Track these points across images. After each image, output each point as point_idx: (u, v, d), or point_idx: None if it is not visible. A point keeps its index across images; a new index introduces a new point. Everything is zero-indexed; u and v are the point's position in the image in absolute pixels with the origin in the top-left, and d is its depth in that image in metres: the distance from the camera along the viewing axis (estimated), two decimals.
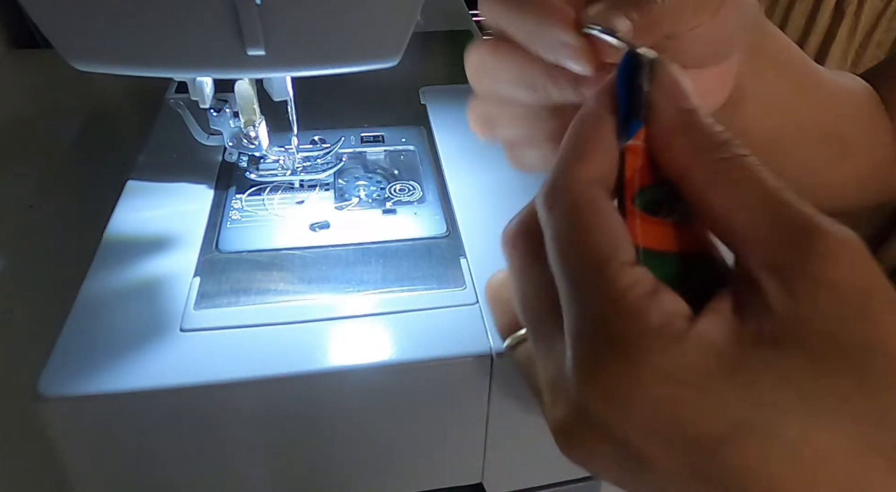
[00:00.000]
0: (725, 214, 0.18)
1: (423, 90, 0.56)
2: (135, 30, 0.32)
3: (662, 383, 0.16)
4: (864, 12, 0.75)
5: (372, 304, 0.36)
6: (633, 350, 0.17)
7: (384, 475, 0.38)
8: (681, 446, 0.17)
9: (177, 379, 0.31)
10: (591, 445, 0.19)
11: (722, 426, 0.16)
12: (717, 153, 0.18)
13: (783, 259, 0.17)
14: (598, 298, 0.18)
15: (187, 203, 0.43)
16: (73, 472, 0.34)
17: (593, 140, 0.20)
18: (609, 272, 0.18)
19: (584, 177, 0.19)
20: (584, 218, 0.19)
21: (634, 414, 0.17)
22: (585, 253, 0.18)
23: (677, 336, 0.17)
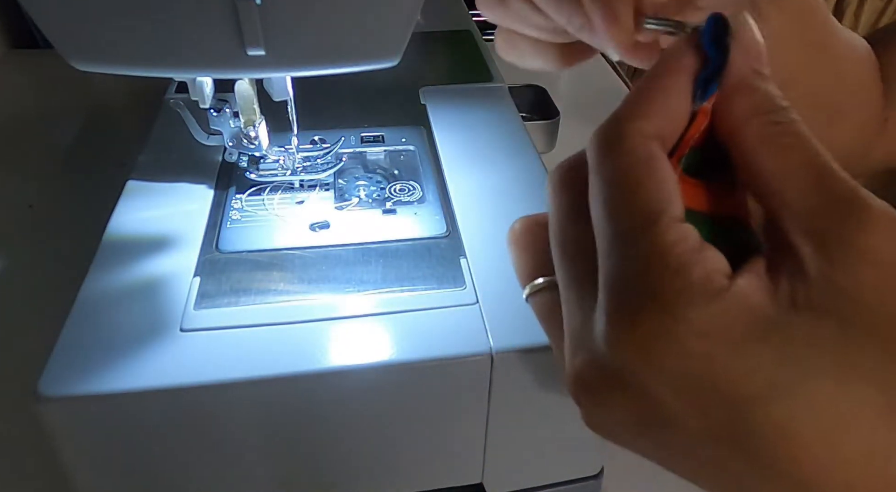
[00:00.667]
0: (771, 175, 0.18)
1: (423, 90, 0.56)
2: (135, 30, 0.32)
3: (699, 338, 0.16)
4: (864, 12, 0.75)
5: (372, 304, 0.36)
6: (670, 306, 0.17)
7: (384, 475, 0.38)
8: (709, 403, 0.17)
9: (177, 379, 0.31)
10: (609, 396, 0.18)
11: (753, 386, 0.16)
12: (773, 116, 0.19)
13: (823, 226, 0.17)
14: (644, 250, 0.17)
15: (187, 203, 0.43)
16: (73, 472, 0.34)
17: (664, 96, 0.20)
18: (659, 226, 0.18)
19: (647, 130, 0.19)
20: (639, 172, 0.18)
21: (667, 367, 0.17)
22: (636, 205, 0.18)
23: (716, 293, 0.17)
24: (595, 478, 0.42)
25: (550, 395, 0.36)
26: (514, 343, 0.34)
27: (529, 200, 0.44)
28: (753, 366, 0.16)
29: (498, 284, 0.37)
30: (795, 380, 0.16)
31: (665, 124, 0.20)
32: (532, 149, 0.49)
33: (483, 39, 0.67)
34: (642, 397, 0.18)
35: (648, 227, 0.18)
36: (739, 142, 0.19)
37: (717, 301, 0.17)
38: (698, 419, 0.17)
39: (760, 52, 0.20)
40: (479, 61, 0.62)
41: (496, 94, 0.57)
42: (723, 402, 0.17)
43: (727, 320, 0.17)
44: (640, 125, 0.19)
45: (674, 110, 0.20)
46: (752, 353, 0.16)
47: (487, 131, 0.51)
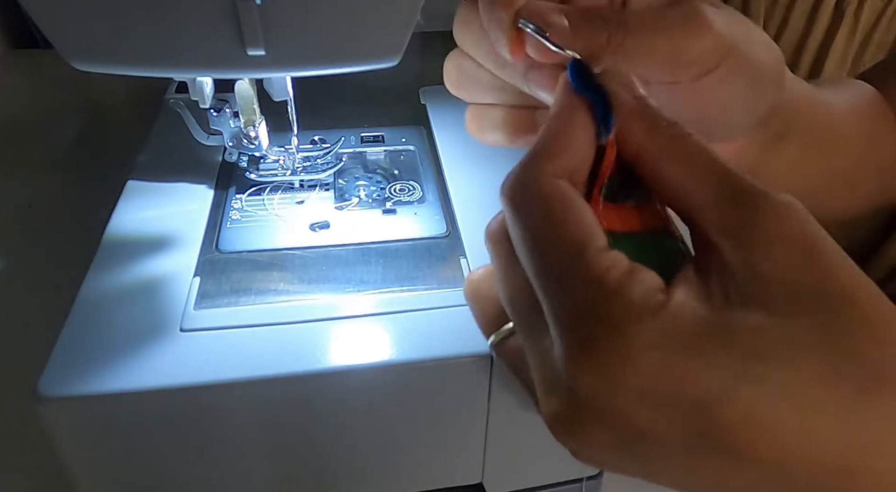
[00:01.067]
0: (679, 183, 0.20)
1: (423, 90, 0.56)
2: (135, 30, 0.32)
3: (650, 352, 0.17)
4: (864, 12, 0.75)
5: (372, 304, 0.36)
6: (619, 327, 0.17)
7: (384, 475, 0.38)
8: (676, 410, 0.17)
9: (177, 379, 0.31)
10: (587, 430, 0.19)
11: (711, 385, 0.17)
12: (668, 131, 0.20)
13: (735, 220, 0.19)
14: (578, 283, 0.18)
15: (187, 203, 0.43)
16: (73, 472, 0.34)
17: (566, 134, 0.21)
18: (588, 256, 0.19)
19: (554, 170, 0.20)
20: (555, 211, 0.19)
21: (628, 387, 0.17)
22: (562, 241, 0.19)
23: (658, 308, 0.18)
24: (595, 478, 0.42)
25: None
26: None
27: None
28: (705, 366, 0.17)
29: None
30: (747, 370, 0.17)
31: (572, 160, 0.21)
32: None
33: None
34: (616, 420, 0.18)
35: (578, 259, 0.19)
36: (645, 160, 0.21)
37: (660, 315, 0.18)
38: (671, 428, 0.18)
39: (632, 80, 0.22)
40: None
41: None
42: (688, 406, 0.17)
43: (672, 330, 0.17)
44: (546, 167, 0.20)
45: (578, 146, 0.21)
46: (701, 355, 0.17)
47: None
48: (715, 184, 0.19)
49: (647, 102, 0.21)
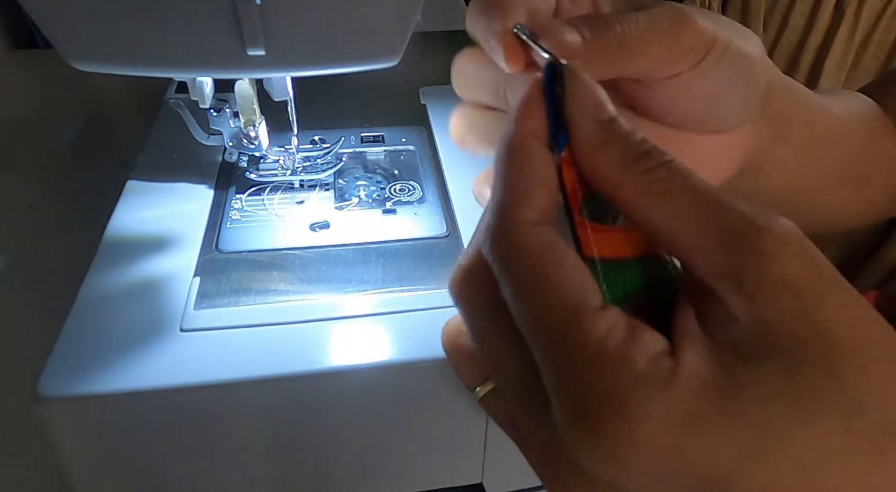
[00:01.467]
0: (664, 226, 0.18)
1: (423, 90, 0.56)
2: (135, 30, 0.32)
3: (663, 433, 0.16)
4: (864, 12, 0.75)
5: (372, 304, 0.36)
6: (627, 405, 0.16)
7: (384, 475, 0.38)
8: (684, 489, 0.17)
9: (177, 379, 0.31)
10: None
11: (728, 460, 0.16)
12: (642, 165, 0.18)
13: (733, 265, 0.17)
14: (578, 355, 0.17)
15: (187, 203, 0.43)
16: (73, 472, 0.34)
17: (527, 173, 0.19)
18: (584, 324, 0.17)
19: (529, 218, 0.18)
20: (542, 269, 0.18)
21: (641, 469, 0.17)
22: (554, 306, 0.17)
23: (667, 379, 0.16)
24: None
25: None
26: None
27: None
28: (721, 441, 0.16)
29: None
30: (763, 439, 0.16)
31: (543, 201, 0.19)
32: None
33: None
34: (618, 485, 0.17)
35: (574, 326, 0.17)
36: (622, 199, 0.18)
37: (670, 387, 0.16)
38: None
39: (596, 98, 0.19)
40: None
41: None
42: (699, 484, 0.16)
43: (685, 407, 0.16)
44: (519, 216, 0.19)
45: (543, 179, 0.19)
46: (716, 429, 0.16)
47: None
48: (705, 223, 0.17)
49: (613, 128, 0.19)
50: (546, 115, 0.19)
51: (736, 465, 0.16)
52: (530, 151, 0.19)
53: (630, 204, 0.18)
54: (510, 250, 0.18)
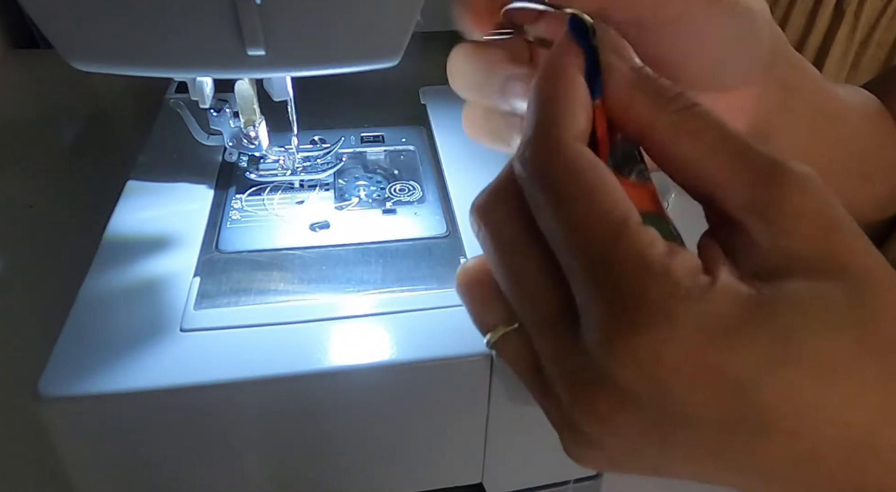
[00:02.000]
0: (695, 162, 0.19)
1: (423, 90, 0.56)
2: (135, 30, 0.32)
3: (697, 335, 0.17)
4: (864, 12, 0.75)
5: (372, 304, 0.36)
6: (668, 308, 0.17)
7: (384, 475, 0.38)
8: (714, 391, 0.17)
9: (177, 379, 0.31)
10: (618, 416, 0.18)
11: (758, 365, 0.17)
12: (674, 105, 0.19)
13: (759, 198, 0.18)
14: (622, 261, 0.17)
15: (187, 203, 0.43)
16: (73, 472, 0.34)
17: (571, 96, 0.19)
18: (628, 233, 0.18)
19: (573, 134, 0.19)
20: (587, 181, 0.18)
21: (672, 369, 0.17)
22: (598, 217, 0.18)
23: (704, 290, 0.17)
24: (595, 478, 0.42)
25: None
26: None
27: None
28: (749, 347, 0.17)
29: None
30: (788, 349, 0.17)
31: (584, 125, 0.19)
32: None
33: None
34: (654, 402, 0.18)
35: (618, 237, 0.18)
36: (655, 138, 0.19)
37: (707, 298, 0.17)
38: (708, 409, 0.17)
39: (627, 49, 0.20)
40: None
41: None
42: (729, 386, 0.17)
43: (718, 312, 0.17)
44: (567, 132, 0.19)
45: (585, 104, 0.20)
46: (745, 336, 0.17)
47: None
48: (733, 161, 0.18)
49: (646, 73, 0.20)
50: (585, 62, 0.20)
51: (764, 370, 0.17)
52: (573, 77, 0.20)
53: (662, 142, 0.19)
54: (555, 162, 0.19)
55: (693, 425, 0.18)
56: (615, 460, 0.20)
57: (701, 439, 0.18)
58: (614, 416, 0.18)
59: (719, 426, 0.18)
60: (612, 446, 0.19)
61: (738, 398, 0.17)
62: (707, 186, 0.19)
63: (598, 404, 0.18)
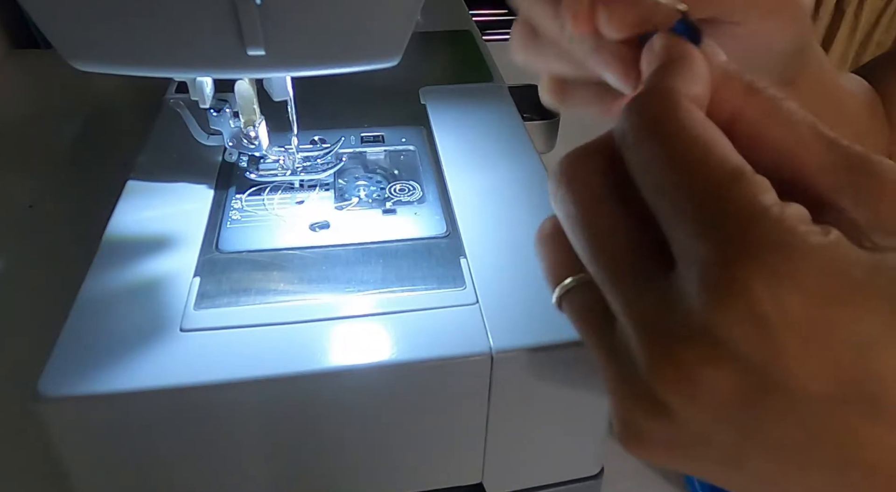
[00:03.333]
0: (785, 147, 0.19)
1: (423, 90, 0.56)
2: (134, 30, 0.32)
3: (821, 277, 0.16)
4: (864, 12, 0.75)
5: (372, 304, 0.36)
6: (791, 245, 0.16)
7: (384, 475, 0.38)
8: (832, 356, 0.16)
9: (177, 379, 0.31)
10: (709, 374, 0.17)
11: (876, 323, 0.16)
12: (766, 93, 0.20)
13: (851, 182, 0.18)
14: (739, 205, 0.17)
15: (187, 203, 0.43)
16: (73, 472, 0.34)
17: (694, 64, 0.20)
18: (745, 178, 0.17)
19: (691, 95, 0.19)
20: (703, 132, 0.18)
21: (794, 313, 0.16)
22: (715, 164, 0.17)
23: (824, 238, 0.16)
24: (595, 478, 0.42)
25: (550, 395, 0.36)
26: (514, 343, 0.34)
27: (529, 200, 0.44)
28: (871, 306, 0.16)
29: (498, 284, 0.37)
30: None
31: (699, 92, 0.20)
32: (532, 149, 0.49)
33: (483, 39, 0.67)
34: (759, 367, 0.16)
35: (734, 179, 0.17)
36: (744, 123, 0.20)
37: (828, 246, 0.16)
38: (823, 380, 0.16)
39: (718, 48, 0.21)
40: (479, 61, 0.62)
41: (496, 94, 0.57)
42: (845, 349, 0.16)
43: (841, 261, 0.16)
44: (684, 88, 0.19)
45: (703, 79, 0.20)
46: (866, 293, 0.16)
47: (487, 131, 0.51)
48: (825, 146, 0.18)
49: (736, 68, 0.20)
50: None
51: (881, 332, 0.16)
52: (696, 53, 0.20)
53: (753, 125, 0.19)
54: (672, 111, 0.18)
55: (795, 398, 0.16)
56: (680, 442, 0.18)
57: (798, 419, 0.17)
58: (703, 372, 0.17)
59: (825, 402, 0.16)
60: (684, 419, 0.18)
61: (855, 366, 0.16)
62: (797, 169, 0.19)
63: (687, 357, 0.17)
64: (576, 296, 0.21)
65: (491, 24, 1.14)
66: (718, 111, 0.20)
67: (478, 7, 1.10)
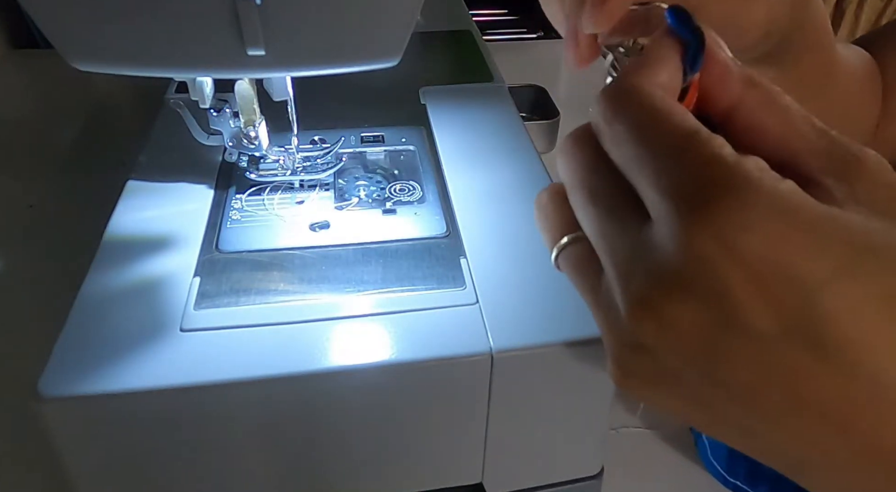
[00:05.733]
0: (780, 133, 0.21)
1: (423, 90, 0.56)
2: (135, 30, 0.32)
3: (772, 220, 0.17)
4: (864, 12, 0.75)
5: (372, 304, 0.36)
6: (740, 193, 0.17)
7: (384, 475, 0.38)
8: (781, 292, 0.17)
9: (177, 379, 0.31)
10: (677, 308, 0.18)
11: (826, 266, 0.16)
12: (763, 86, 0.21)
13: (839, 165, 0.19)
14: (694, 155, 0.18)
15: (187, 203, 0.43)
16: (73, 472, 0.34)
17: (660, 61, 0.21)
18: (700, 136, 0.19)
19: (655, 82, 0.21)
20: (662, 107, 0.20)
21: (744, 255, 0.17)
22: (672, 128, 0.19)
23: (776, 182, 0.17)
24: (595, 478, 0.42)
25: (550, 395, 0.36)
26: (514, 343, 0.34)
27: (530, 199, 0.44)
28: (824, 246, 0.17)
29: (498, 284, 0.37)
30: (863, 264, 0.16)
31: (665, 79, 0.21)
32: (532, 149, 0.49)
33: (483, 39, 0.67)
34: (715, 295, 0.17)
35: (690, 136, 0.19)
36: (743, 111, 0.21)
37: (780, 188, 0.17)
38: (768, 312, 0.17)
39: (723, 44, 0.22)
40: (479, 61, 0.63)
41: (496, 94, 0.57)
42: (795, 288, 0.17)
43: (793, 206, 0.17)
44: (645, 78, 0.21)
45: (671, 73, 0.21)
46: (821, 232, 0.17)
47: (487, 131, 0.51)
48: (817, 134, 0.20)
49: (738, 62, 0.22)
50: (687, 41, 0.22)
51: (831, 275, 0.16)
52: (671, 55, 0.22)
53: (751, 112, 0.21)
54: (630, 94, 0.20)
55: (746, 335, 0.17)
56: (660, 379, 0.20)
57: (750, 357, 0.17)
58: (668, 311, 0.18)
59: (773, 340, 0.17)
60: (660, 357, 0.19)
61: (801, 304, 0.16)
62: (789, 151, 0.20)
63: (655, 298, 0.18)
64: (570, 251, 0.23)
65: (491, 24, 1.14)
66: (720, 99, 0.22)
67: (478, 7, 1.11)
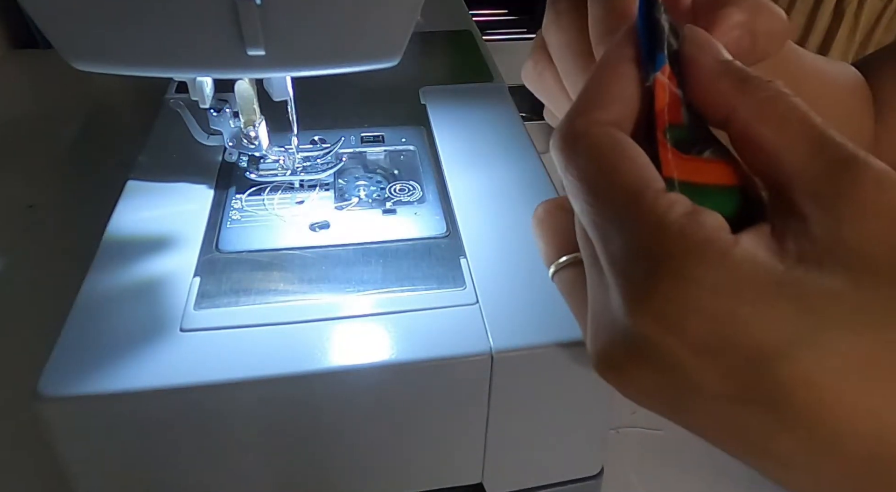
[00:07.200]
0: (772, 147, 0.19)
1: (423, 90, 0.56)
2: (134, 30, 0.32)
3: (715, 296, 0.16)
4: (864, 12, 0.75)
5: (372, 304, 0.36)
6: (681, 268, 0.17)
7: (384, 475, 0.38)
8: (732, 363, 0.17)
9: (177, 379, 0.31)
10: (635, 371, 0.19)
11: (775, 340, 0.16)
12: (762, 91, 0.19)
13: (829, 189, 0.17)
14: (639, 222, 0.18)
15: (187, 203, 0.43)
16: (73, 472, 0.34)
17: (611, 83, 0.20)
18: (647, 198, 0.18)
19: (604, 119, 0.20)
20: (610, 158, 0.19)
21: (688, 333, 0.17)
22: (618, 187, 0.18)
23: (724, 250, 0.17)
24: (595, 478, 0.42)
25: (550, 395, 0.36)
26: (514, 343, 0.34)
27: (530, 199, 0.44)
28: (773, 319, 0.16)
29: (498, 284, 0.37)
30: (815, 331, 0.16)
31: (619, 108, 0.20)
32: (532, 149, 0.49)
33: (483, 39, 0.67)
34: (666, 366, 0.18)
35: (636, 201, 0.18)
36: (736, 123, 0.19)
37: (726, 258, 0.17)
38: (722, 381, 0.17)
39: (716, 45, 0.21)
40: (479, 61, 0.63)
41: (496, 94, 0.57)
42: (746, 360, 0.17)
43: (739, 277, 0.17)
44: (595, 116, 0.20)
45: (623, 93, 0.20)
46: (769, 306, 0.16)
47: (487, 131, 0.51)
48: (810, 150, 0.18)
49: (735, 65, 0.20)
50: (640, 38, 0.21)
51: (783, 348, 0.16)
52: (621, 65, 0.20)
53: (744, 123, 0.19)
54: (577, 142, 0.19)
55: (706, 395, 0.18)
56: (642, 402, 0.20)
57: (716, 413, 0.18)
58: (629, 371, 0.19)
59: (735, 402, 0.17)
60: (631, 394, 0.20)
61: (754, 373, 0.17)
62: (778, 172, 0.19)
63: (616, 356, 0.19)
64: (565, 273, 0.24)
65: (491, 24, 1.14)
66: (714, 111, 0.20)
67: (478, 7, 1.11)
